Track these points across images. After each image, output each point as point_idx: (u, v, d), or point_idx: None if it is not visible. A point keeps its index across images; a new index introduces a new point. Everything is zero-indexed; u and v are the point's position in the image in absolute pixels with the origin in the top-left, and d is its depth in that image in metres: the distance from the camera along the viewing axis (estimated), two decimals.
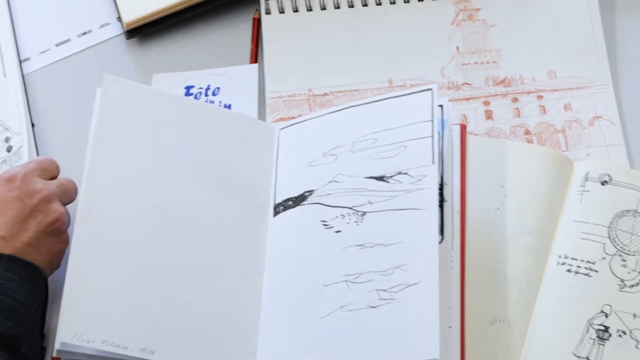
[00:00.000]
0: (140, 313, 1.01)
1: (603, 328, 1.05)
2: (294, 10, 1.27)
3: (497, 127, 1.20)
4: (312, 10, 1.27)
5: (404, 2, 1.27)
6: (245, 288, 1.07)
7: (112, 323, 1.00)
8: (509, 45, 1.24)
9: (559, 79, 1.22)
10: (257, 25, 1.27)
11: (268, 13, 1.27)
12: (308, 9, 1.27)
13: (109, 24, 1.30)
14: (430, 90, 1.07)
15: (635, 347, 1.04)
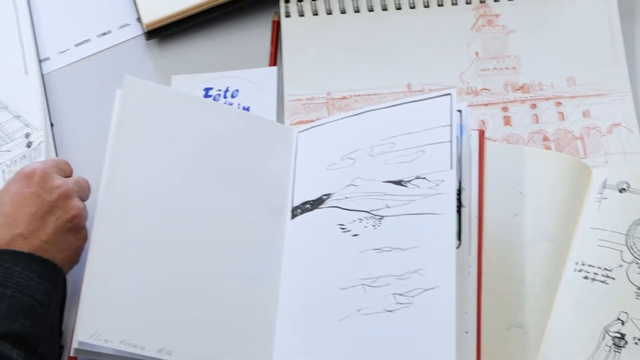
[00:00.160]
0: (158, 314, 1.02)
1: (619, 335, 1.05)
2: (314, 14, 1.27)
3: (515, 133, 1.20)
4: (331, 14, 1.27)
5: (424, 6, 1.27)
6: (262, 290, 1.07)
7: (130, 323, 1.00)
8: (529, 52, 1.24)
9: (578, 86, 1.22)
10: (276, 28, 1.27)
11: (288, 16, 1.27)
12: (328, 13, 1.27)
13: (129, 25, 1.30)
14: (449, 95, 1.07)
15: None
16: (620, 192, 1.11)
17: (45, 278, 0.99)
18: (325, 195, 1.09)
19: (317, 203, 1.10)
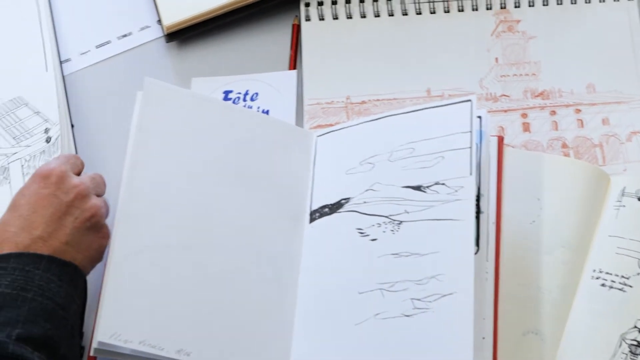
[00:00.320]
0: (177, 315, 1.02)
1: (636, 343, 1.04)
2: (334, 18, 1.28)
3: (534, 139, 1.20)
4: (351, 18, 1.28)
5: (444, 11, 1.27)
6: (280, 293, 1.07)
7: (149, 324, 1.00)
8: (549, 58, 1.24)
9: (598, 93, 1.22)
10: (296, 32, 1.27)
11: (308, 20, 1.27)
12: (348, 17, 1.28)
13: (149, 27, 1.31)
14: (470, 102, 1.07)
15: None
16: (639, 200, 1.11)
17: (66, 280, 0.99)
18: (344, 200, 1.10)
19: (335, 207, 1.10)
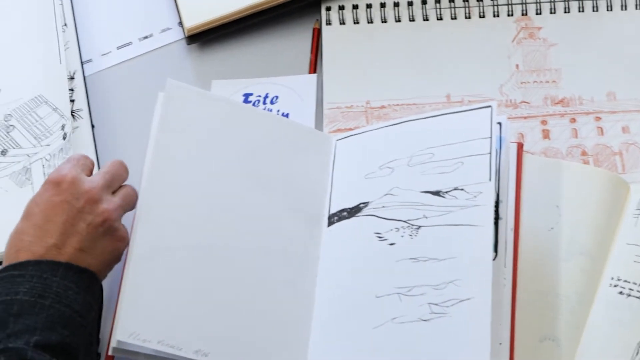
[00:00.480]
0: (195, 316, 1.02)
1: None
2: (355, 22, 1.28)
3: (553, 146, 1.20)
4: (372, 23, 1.28)
5: (465, 17, 1.27)
6: (298, 295, 1.07)
7: (167, 324, 1.01)
8: (569, 65, 1.24)
9: (618, 101, 1.22)
10: (317, 36, 1.28)
11: (329, 24, 1.28)
12: (369, 22, 1.28)
13: (170, 29, 1.31)
14: (490, 108, 1.07)
15: None
16: None
17: (83, 288, 0.99)
18: (363, 204, 1.10)
19: (354, 211, 1.10)
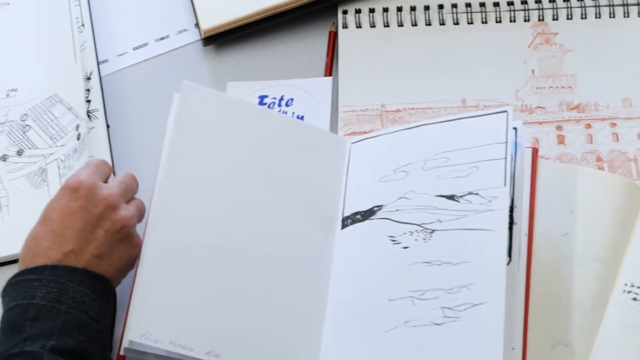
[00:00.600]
0: (207, 317, 1.02)
1: None
2: (371, 26, 1.28)
3: (568, 152, 1.20)
4: (389, 27, 1.28)
5: (482, 22, 1.27)
6: (310, 297, 1.07)
7: (179, 325, 1.01)
8: (585, 71, 1.24)
9: (634, 107, 1.21)
10: (333, 39, 1.28)
11: (345, 27, 1.28)
12: (385, 25, 1.28)
13: (187, 30, 1.32)
14: (506, 112, 1.07)
15: None
16: None
17: (99, 294, 1.00)
18: (377, 207, 1.10)
19: (368, 214, 1.10)
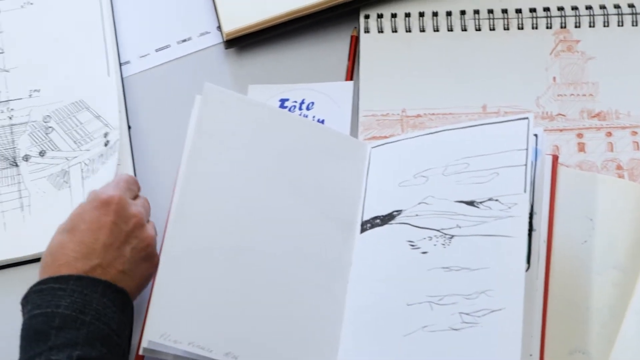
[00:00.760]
0: (226, 318, 1.03)
1: None
2: (393, 31, 1.28)
3: (589, 160, 1.20)
4: (410, 32, 1.28)
5: (504, 29, 1.27)
6: (329, 301, 1.07)
7: (198, 326, 1.01)
8: (607, 79, 1.24)
9: None
10: (354, 43, 1.28)
11: (367, 32, 1.28)
12: (407, 30, 1.28)
13: (209, 33, 1.32)
14: (527, 119, 1.07)
15: None
16: None
17: (120, 307, 1.00)
18: (396, 212, 1.10)
19: (387, 219, 1.10)
